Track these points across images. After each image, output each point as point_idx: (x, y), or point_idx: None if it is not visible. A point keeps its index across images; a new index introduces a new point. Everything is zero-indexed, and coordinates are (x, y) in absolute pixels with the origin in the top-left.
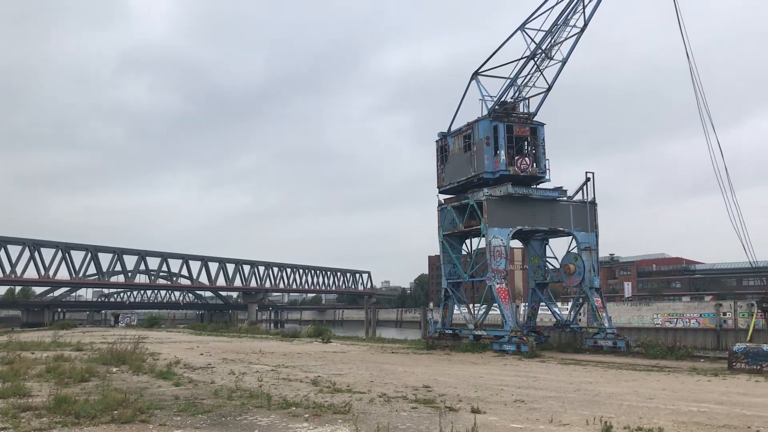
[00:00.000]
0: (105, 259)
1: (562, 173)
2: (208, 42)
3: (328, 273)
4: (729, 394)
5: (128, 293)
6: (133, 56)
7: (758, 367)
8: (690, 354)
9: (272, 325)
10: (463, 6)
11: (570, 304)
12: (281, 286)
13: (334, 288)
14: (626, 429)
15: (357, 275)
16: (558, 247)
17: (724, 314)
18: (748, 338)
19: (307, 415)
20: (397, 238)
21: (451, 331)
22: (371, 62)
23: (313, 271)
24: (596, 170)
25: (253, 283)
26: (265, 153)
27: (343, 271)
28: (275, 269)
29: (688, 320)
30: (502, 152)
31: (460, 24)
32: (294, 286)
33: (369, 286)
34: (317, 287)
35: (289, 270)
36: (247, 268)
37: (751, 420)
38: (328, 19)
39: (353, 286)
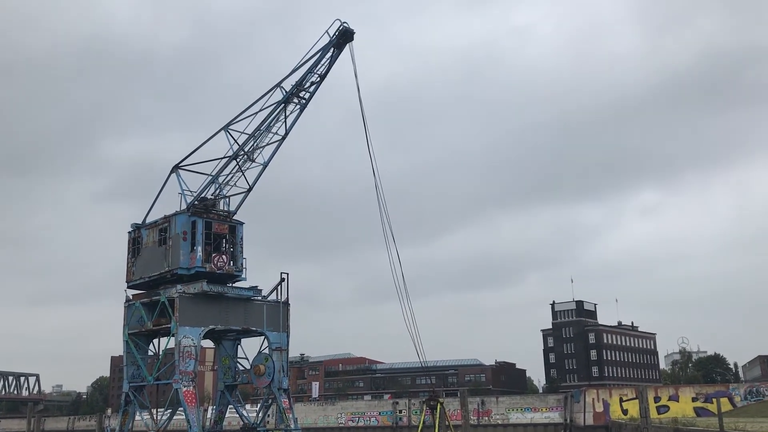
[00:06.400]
0: None
1: (276, 273)
2: None
3: None
4: None
5: None
6: None
7: None
8: None
9: None
10: (205, 103)
11: (259, 405)
12: None
13: None
14: None
15: (22, 378)
16: (250, 347)
17: (400, 412)
18: None
19: None
20: (80, 336)
21: None
22: (97, 148)
23: None
24: (311, 271)
25: None
26: None
27: (5, 374)
28: None
29: (368, 418)
30: (200, 248)
31: (196, 119)
32: None
33: (36, 390)
34: None
35: None
36: None
37: None
38: (55, 98)
39: (16, 392)
